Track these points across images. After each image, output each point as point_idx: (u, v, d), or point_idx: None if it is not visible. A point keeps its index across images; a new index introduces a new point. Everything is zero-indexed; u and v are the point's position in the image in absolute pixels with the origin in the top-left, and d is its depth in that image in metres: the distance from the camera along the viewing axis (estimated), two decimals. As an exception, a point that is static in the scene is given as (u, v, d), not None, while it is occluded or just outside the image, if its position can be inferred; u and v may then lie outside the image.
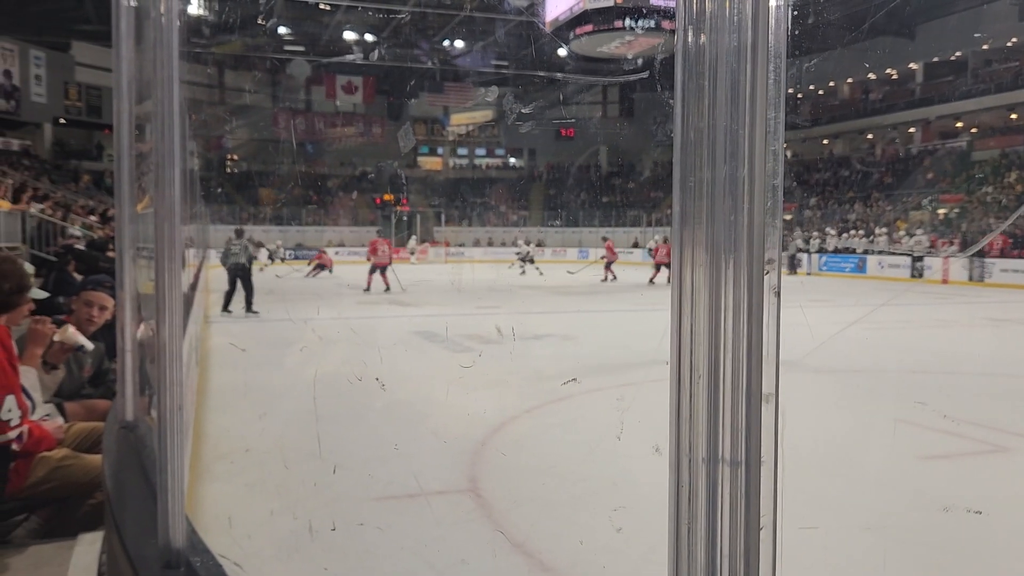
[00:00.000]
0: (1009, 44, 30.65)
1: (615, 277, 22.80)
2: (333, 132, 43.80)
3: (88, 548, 2.71)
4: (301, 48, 36.85)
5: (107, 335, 3.99)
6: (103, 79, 31.77)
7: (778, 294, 0.69)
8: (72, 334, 3.54)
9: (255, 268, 22.10)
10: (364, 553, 3.61)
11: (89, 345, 3.72)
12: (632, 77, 36.32)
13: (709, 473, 0.69)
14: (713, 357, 0.69)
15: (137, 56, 2.50)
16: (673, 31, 0.69)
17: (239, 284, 13.10)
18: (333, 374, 8.00)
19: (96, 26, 29.96)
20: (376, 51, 36.96)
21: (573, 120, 45.40)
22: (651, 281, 21.73)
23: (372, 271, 17.95)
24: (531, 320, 12.37)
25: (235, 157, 43.87)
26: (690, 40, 0.70)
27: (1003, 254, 23.31)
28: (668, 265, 13.79)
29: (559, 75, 37.56)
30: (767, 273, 0.68)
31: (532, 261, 26.57)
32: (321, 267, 25.59)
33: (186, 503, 1.71)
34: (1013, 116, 31.10)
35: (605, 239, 26.21)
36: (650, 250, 32.07)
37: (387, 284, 17.76)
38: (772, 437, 0.69)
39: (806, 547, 3.55)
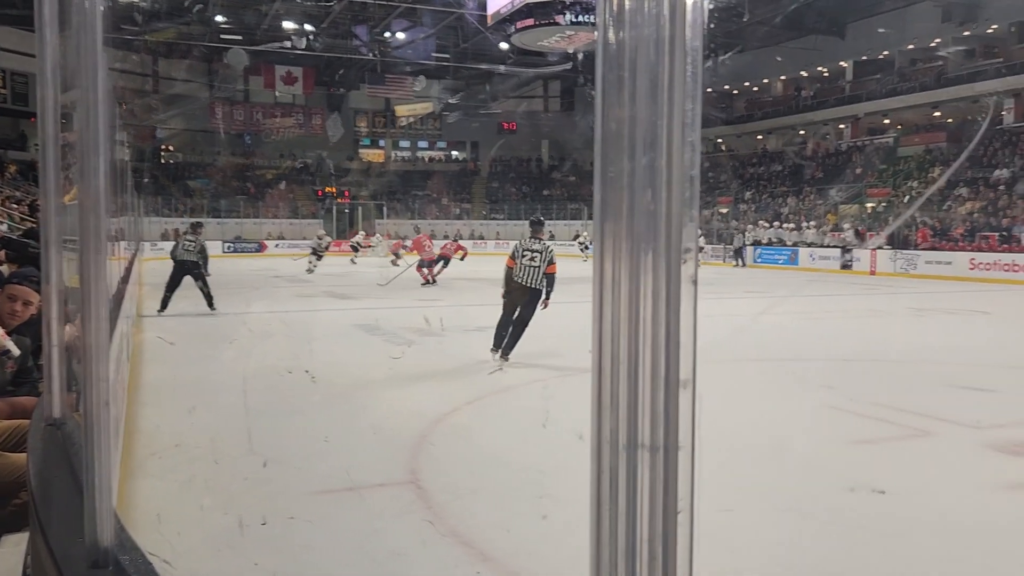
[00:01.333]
0: (932, 44, 31.72)
1: (434, 280, 18.42)
2: (272, 123, 43.03)
3: (13, 550, 2.64)
4: (238, 37, 36.05)
5: (32, 330, 3.87)
6: (29, 65, 30.57)
7: (695, 282, 0.70)
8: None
9: (306, 271, 21.59)
10: (302, 548, 3.58)
11: (15, 351, 3.60)
12: (556, 69, 36.47)
13: (629, 459, 0.71)
14: (633, 345, 0.70)
15: (62, 42, 2.42)
16: None
17: (195, 284, 12.17)
18: (268, 368, 7.90)
19: (21, 10, 28.82)
20: (316, 41, 36.40)
21: (501, 112, 45.43)
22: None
23: (420, 266, 18.19)
24: (473, 312, 12.36)
25: (170, 148, 42.78)
26: (610, 35, 0.71)
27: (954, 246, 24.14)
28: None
29: (484, 66, 37.52)
30: (684, 262, 0.70)
31: (320, 257, 23.31)
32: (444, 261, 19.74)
33: (115, 501, 1.67)
34: (936, 114, 32.22)
35: (419, 231, 22.58)
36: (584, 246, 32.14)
37: (428, 279, 18.09)
38: (689, 423, 0.71)
39: (726, 529, 3.66)
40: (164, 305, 11.86)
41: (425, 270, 18.25)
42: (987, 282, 20.87)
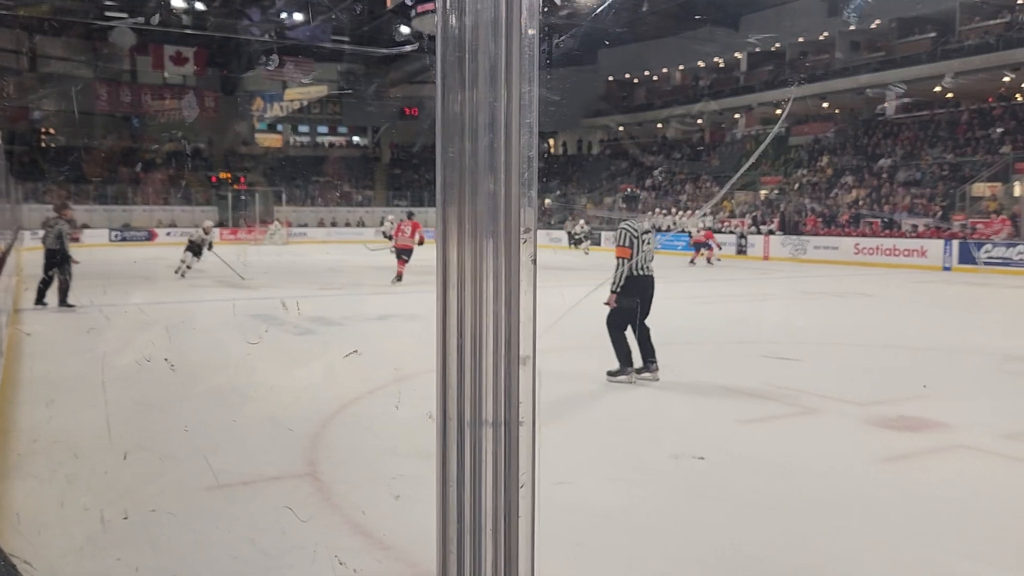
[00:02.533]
0: (820, 38, 33.13)
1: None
2: (162, 105, 41.28)
3: None
4: (124, 15, 34.36)
5: None
6: None
7: (535, 261, 0.72)
8: None
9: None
10: (194, 544, 3.49)
11: None
12: (405, 50, 36.10)
13: (473, 435, 0.73)
14: (476, 325, 0.72)
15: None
16: None
17: (59, 272, 11.57)
18: (144, 360, 7.62)
19: None
20: (207, 21, 35.06)
21: (401, 96, 44.96)
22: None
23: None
24: (377, 300, 12.26)
25: (50, 130, 40.52)
26: (451, 19, 0.72)
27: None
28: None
29: (381, 50, 36.91)
30: (524, 242, 0.72)
31: (198, 254, 17.16)
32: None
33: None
34: (825, 105, 33.66)
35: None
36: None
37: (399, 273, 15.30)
38: (531, 399, 0.73)
39: (564, 500, 3.80)
40: (40, 297, 11.22)
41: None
42: (870, 266, 22.01)
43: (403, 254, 15.36)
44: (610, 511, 3.90)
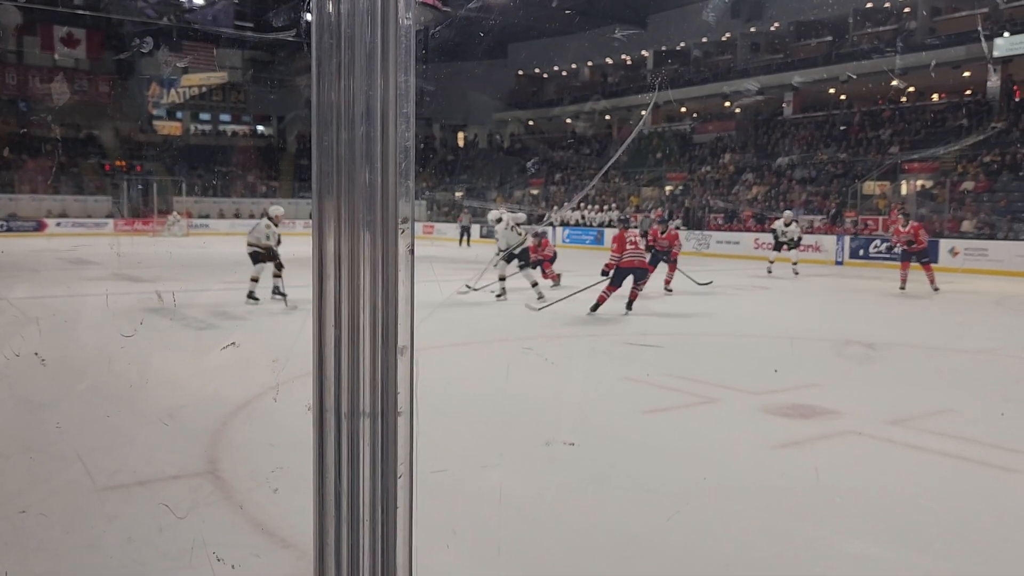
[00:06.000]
0: (724, 38, 34.13)
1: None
2: (51, 89, 39.16)
3: None
4: (9, -9, 32.43)
5: None
6: None
7: (412, 251, 0.72)
8: None
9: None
10: (87, 547, 3.35)
11: None
12: (280, 36, 35.41)
13: (351, 426, 0.72)
14: (353, 316, 0.71)
15: None
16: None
17: None
18: (28, 356, 7.25)
19: None
20: (99, 1, 33.46)
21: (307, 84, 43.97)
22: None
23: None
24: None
25: (-74, 114, 37.99)
26: (327, 6, 0.70)
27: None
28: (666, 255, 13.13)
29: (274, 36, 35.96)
30: (402, 232, 0.71)
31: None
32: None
33: None
34: (727, 104, 34.71)
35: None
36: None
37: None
38: (408, 388, 0.73)
39: (441, 488, 3.87)
40: None
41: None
42: (766, 260, 22.79)
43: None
44: (486, 498, 3.94)
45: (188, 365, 7.14)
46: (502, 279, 11.83)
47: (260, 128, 46.63)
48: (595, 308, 10.10)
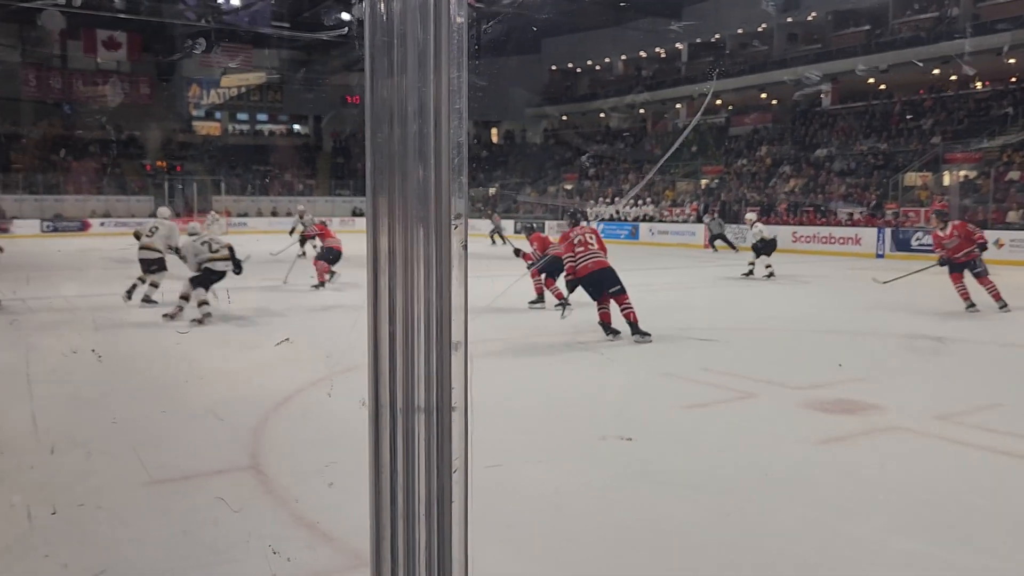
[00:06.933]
0: (760, 29, 33.69)
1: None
2: (94, 91, 39.94)
3: None
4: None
5: None
6: None
7: (465, 247, 0.72)
8: None
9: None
10: (125, 539, 3.42)
11: None
12: (333, 35, 35.59)
13: (406, 422, 0.73)
14: (407, 311, 0.72)
15: None
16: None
17: None
18: (78, 353, 7.42)
19: None
20: (141, 4, 34.01)
21: (344, 84, 44.36)
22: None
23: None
24: (322, 293, 12.12)
25: (-27, 117, 38.93)
26: (380, 4, 0.71)
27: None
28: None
29: (323, 36, 36.23)
30: (455, 228, 0.72)
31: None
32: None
33: None
34: (763, 96, 34.27)
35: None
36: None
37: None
38: (462, 384, 0.74)
39: (496, 484, 3.87)
40: None
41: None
42: (807, 253, 22.50)
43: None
44: (542, 493, 3.95)
45: (232, 362, 7.26)
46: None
47: (296, 127, 47.10)
48: (612, 332, 8.25)
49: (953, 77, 28.44)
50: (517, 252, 11.42)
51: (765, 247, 15.40)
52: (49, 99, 39.15)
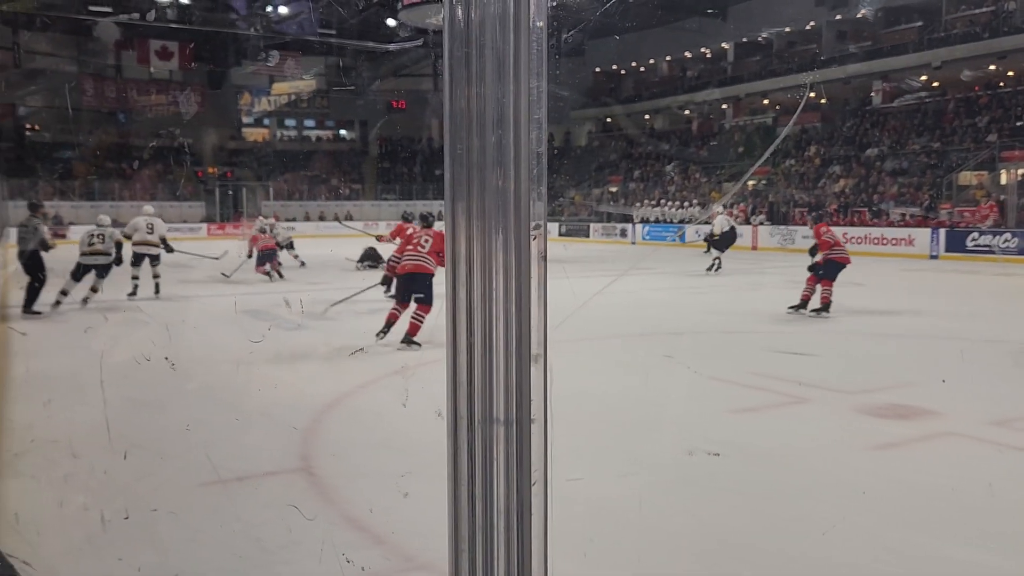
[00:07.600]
0: (807, 28, 33.16)
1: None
2: (147, 100, 40.89)
3: None
4: (108, 8, 33.99)
5: None
6: None
7: (544, 258, 0.72)
8: None
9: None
10: (197, 542, 3.48)
11: None
12: (407, 45, 35.92)
13: (484, 433, 0.72)
14: (486, 322, 0.71)
15: None
16: None
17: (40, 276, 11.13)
18: (139, 357, 7.58)
19: None
20: (191, 14, 34.78)
21: (390, 90, 44.75)
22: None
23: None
24: (368, 296, 12.21)
25: (35, 127, 40.14)
26: (458, 12, 0.71)
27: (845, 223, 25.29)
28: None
29: (370, 44, 36.67)
30: (534, 239, 0.71)
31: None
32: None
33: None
34: (811, 95, 33.73)
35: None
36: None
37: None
38: (541, 396, 0.73)
39: (575, 497, 3.81)
40: (28, 305, 10.84)
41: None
42: (858, 255, 22.03)
43: None
44: (622, 507, 3.88)
45: (294, 366, 7.35)
46: None
47: (343, 132, 47.67)
48: (385, 330, 7.80)
49: (1010, 73, 27.67)
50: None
51: (721, 240, 15.76)
52: (105, 108, 40.21)
